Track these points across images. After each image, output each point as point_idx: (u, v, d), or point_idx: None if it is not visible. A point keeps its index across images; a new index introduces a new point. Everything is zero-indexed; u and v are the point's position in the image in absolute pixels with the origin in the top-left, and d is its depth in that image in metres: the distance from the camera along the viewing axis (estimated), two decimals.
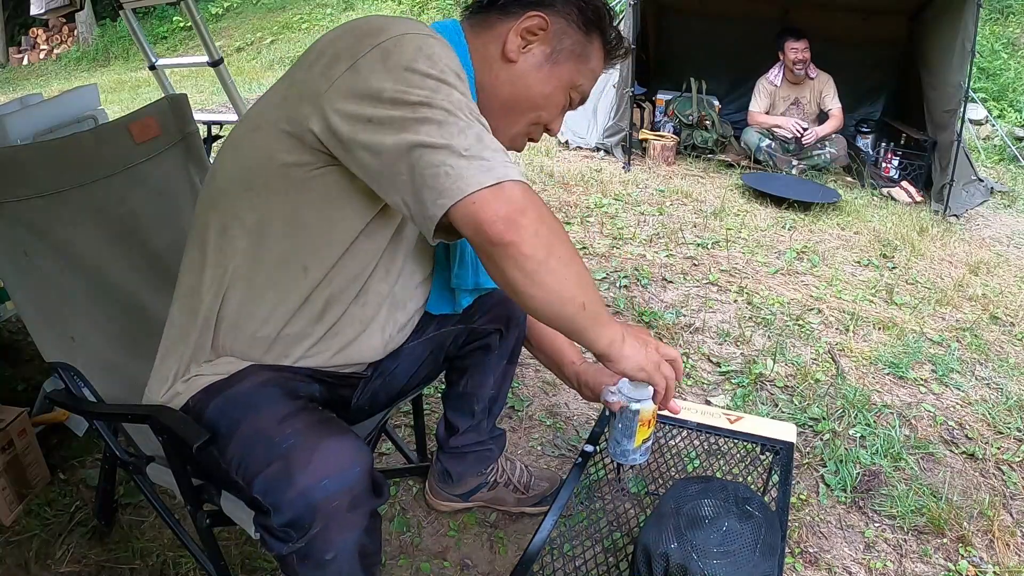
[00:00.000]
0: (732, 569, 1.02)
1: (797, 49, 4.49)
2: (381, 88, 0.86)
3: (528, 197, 0.86)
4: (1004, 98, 6.44)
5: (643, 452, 1.22)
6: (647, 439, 1.21)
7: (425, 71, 0.87)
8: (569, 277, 0.90)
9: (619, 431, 1.20)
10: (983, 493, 1.78)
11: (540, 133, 1.15)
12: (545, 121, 1.13)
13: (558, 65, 1.08)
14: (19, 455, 1.61)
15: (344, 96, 0.88)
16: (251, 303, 1.04)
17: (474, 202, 0.83)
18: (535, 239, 0.85)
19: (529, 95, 1.09)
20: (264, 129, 0.98)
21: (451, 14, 8.63)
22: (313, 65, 0.93)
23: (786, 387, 2.20)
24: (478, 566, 1.52)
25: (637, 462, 1.23)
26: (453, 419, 1.51)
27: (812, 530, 1.65)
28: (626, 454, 1.21)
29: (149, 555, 1.51)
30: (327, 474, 0.88)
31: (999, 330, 2.68)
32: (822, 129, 4.55)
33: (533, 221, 0.85)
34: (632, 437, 1.19)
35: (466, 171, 0.84)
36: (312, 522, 0.88)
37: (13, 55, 9.61)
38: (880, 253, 3.36)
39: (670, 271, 2.99)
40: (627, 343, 1.01)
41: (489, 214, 0.83)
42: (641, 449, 1.21)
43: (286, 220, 1.00)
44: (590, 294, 0.93)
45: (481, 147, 0.85)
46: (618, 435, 1.20)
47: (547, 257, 0.87)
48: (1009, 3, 7.66)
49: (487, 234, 0.84)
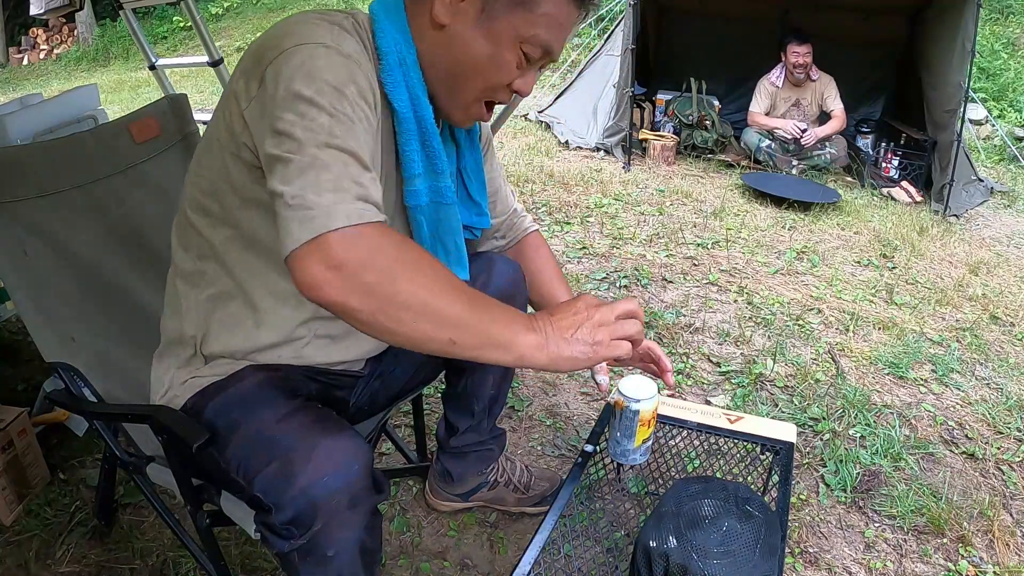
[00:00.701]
0: (732, 569, 1.02)
1: (799, 53, 4.49)
2: (267, 115, 0.85)
3: (350, 246, 0.77)
4: (1004, 98, 6.44)
5: (643, 452, 1.22)
6: (647, 439, 1.21)
7: (297, 92, 0.83)
8: (420, 320, 0.79)
9: (619, 431, 1.20)
10: (983, 493, 1.78)
11: (506, 95, 1.03)
12: (499, 83, 1.00)
13: (495, 19, 0.95)
14: (19, 455, 1.61)
15: (253, 119, 0.89)
16: (231, 317, 1.06)
17: (293, 261, 0.78)
18: (362, 295, 0.77)
19: (469, 59, 0.98)
20: (214, 149, 0.99)
21: None
22: (239, 79, 0.92)
23: (786, 387, 2.20)
24: (478, 566, 1.52)
25: (637, 462, 1.23)
26: (453, 419, 1.51)
27: (812, 530, 1.65)
28: (626, 454, 1.21)
29: (149, 555, 1.51)
30: (327, 472, 0.88)
31: (999, 330, 2.68)
32: (822, 130, 4.54)
33: (355, 274, 0.77)
34: (632, 437, 1.19)
35: (288, 224, 0.78)
36: (314, 519, 0.89)
37: (13, 55, 9.60)
38: (880, 253, 3.36)
39: (670, 271, 2.99)
40: (549, 346, 0.86)
41: (305, 276, 0.77)
42: (641, 449, 1.21)
43: (247, 238, 1.01)
44: (456, 330, 0.81)
45: (309, 191, 0.78)
46: (618, 435, 1.21)
47: (383, 306, 0.78)
48: (1009, 3, 7.66)
49: (310, 297, 0.78)
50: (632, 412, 1.17)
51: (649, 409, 1.17)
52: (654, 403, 1.19)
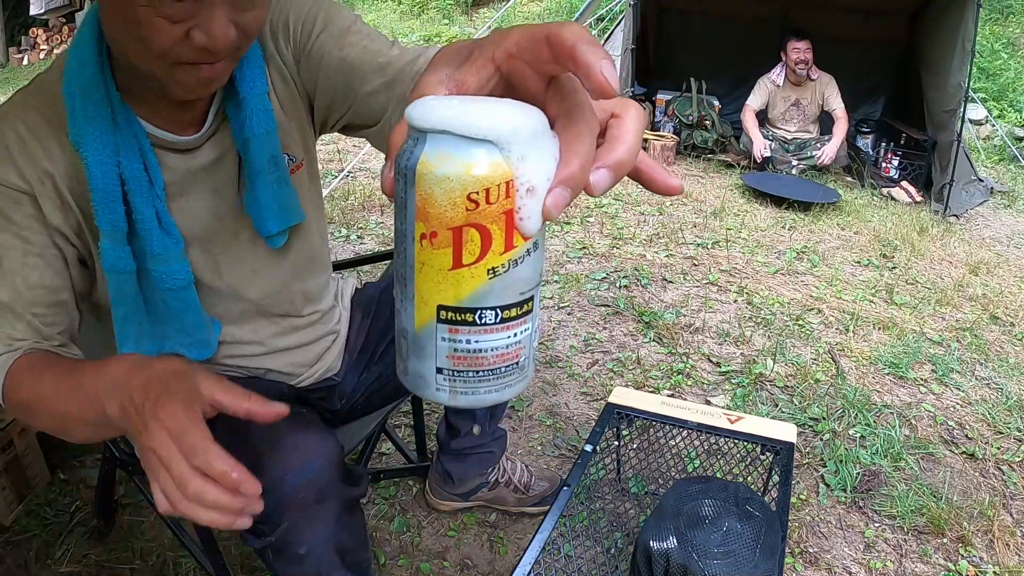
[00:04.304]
0: (732, 569, 1.02)
1: (799, 49, 4.49)
2: None
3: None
4: (1004, 98, 6.44)
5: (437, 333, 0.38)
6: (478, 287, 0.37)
7: None
8: (58, 432, 0.83)
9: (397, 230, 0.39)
10: (983, 493, 1.78)
11: (192, 50, 0.74)
12: (159, 47, 0.73)
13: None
14: (19, 455, 1.61)
15: None
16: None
17: None
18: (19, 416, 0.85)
19: (117, 40, 0.77)
20: None
21: (451, 14, 8.63)
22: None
23: (786, 387, 2.20)
24: (478, 566, 1.52)
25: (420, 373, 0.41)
26: (455, 421, 1.51)
27: (812, 530, 1.65)
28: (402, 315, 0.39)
29: (149, 555, 1.51)
30: (291, 468, 0.88)
31: (999, 330, 2.68)
32: (832, 145, 4.46)
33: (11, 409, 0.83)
34: (406, 263, 0.38)
35: None
36: (281, 516, 0.89)
37: (13, 55, 9.59)
38: (880, 253, 3.36)
39: (670, 271, 2.99)
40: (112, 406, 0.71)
41: None
42: (430, 325, 0.38)
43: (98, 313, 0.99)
44: (67, 429, 0.81)
45: None
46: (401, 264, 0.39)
47: (32, 422, 0.85)
48: (1009, 3, 7.65)
49: None
50: (406, 168, 0.36)
51: (460, 172, 0.34)
52: (496, 161, 0.35)
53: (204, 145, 0.91)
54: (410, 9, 9.05)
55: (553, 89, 0.39)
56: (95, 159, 0.82)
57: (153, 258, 0.89)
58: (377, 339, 1.30)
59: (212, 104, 0.90)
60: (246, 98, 0.88)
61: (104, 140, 0.82)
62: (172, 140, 0.89)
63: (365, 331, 1.29)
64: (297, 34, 0.92)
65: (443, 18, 8.58)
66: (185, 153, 0.91)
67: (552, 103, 0.39)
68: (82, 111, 0.81)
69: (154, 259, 0.89)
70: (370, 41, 0.89)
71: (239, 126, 0.89)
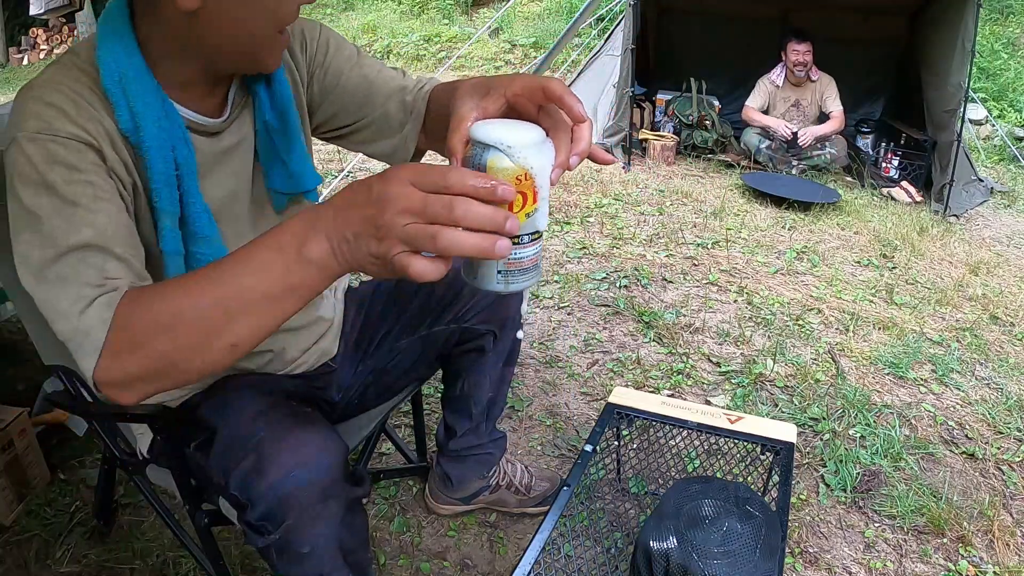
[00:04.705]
0: (732, 569, 1.02)
1: (799, 51, 4.49)
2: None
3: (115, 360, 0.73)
4: (1004, 98, 6.43)
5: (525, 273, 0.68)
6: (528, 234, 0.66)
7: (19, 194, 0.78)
8: (202, 353, 0.72)
9: None
10: (983, 493, 1.78)
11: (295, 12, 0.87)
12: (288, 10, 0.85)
13: None
14: (19, 455, 1.61)
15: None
16: None
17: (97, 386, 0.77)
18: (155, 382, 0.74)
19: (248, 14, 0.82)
20: None
21: (451, 14, 8.62)
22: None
23: (786, 387, 2.20)
24: (478, 566, 1.52)
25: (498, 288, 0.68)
26: (452, 422, 1.51)
27: (812, 530, 1.65)
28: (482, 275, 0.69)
29: (149, 555, 1.51)
30: (296, 466, 0.89)
31: (999, 330, 2.68)
32: (819, 129, 4.53)
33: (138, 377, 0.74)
34: None
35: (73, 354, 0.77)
36: (285, 515, 0.89)
37: (13, 55, 9.59)
38: (880, 253, 3.36)
39: (670, 271, 2.99)
40: (340, 256, 0.66)
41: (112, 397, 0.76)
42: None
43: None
44: (228, 325, 0.70)
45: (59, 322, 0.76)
46: None
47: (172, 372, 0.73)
48: (1009, 3, 7.65)
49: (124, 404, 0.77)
50: (479, 165, 0.65)
51: (511, 166, 0.64)
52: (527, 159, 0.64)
53: (228, 129, 0.97)
54: (410, 9, 9.05)
55: (544, 113, 0.73)
56: (154, 143, 0.85)
57: (201, 240, 0.91)
58: (371, 334, 1.33)
59: (230, 90, 0.97)
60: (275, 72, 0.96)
61: (161, 125, 0.85)
62: (204, 123, 0.93)
63: (359, 326, 1.34)
64: (313, 50, 1.04)
65: (443, 18, 8.58)
66: (212, 136, 0.95)
67: (544, 121, 0.72)
68: (138, 99, 0.84)
69: (201, 242, 0.91)
70: (382, 67, 1.07)
71: (269, 96, 0.97)
